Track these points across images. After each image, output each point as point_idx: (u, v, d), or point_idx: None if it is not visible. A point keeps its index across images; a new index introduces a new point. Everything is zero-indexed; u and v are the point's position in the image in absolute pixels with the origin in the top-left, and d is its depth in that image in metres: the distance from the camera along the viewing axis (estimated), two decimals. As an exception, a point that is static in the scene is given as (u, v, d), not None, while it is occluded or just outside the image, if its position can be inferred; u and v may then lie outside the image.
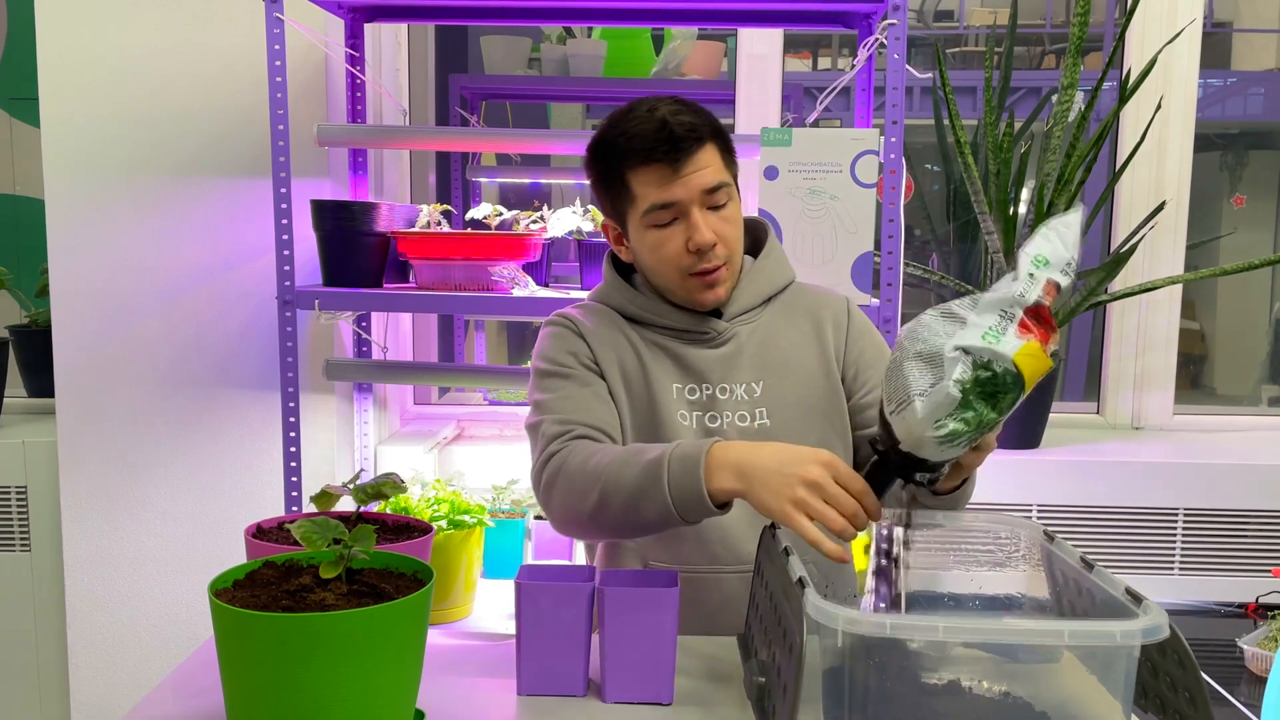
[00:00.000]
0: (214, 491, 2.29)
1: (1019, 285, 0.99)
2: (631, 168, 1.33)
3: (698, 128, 1.31)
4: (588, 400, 1.35)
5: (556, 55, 2.76)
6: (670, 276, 1.37)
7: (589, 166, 1.40)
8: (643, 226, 1.35)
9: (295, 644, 0.82)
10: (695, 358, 1.39)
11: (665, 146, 1.30)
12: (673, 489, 1.16)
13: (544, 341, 1.43)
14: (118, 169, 2.23)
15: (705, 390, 1.38)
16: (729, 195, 1.35)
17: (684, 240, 1.33)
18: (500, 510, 2.21)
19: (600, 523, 1.23)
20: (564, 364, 1.38)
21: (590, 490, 1.22)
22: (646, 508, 1.18)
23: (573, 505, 1.25)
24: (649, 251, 1.37)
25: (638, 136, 1.31)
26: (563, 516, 1.28)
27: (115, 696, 2.33)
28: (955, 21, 4.65)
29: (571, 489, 1.24)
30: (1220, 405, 3.57)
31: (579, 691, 1.12)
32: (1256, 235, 4.15)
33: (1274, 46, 4.44)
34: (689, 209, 1.32)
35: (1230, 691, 1.88)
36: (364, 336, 2.33)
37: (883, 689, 0.92)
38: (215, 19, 2.20)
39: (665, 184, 1.31)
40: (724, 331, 1.40)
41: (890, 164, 1.87)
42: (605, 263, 1.49)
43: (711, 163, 1.33)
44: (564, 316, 1.45)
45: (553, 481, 1.27)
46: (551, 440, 1.30)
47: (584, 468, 1.23)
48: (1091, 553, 2.33)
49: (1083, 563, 1.01)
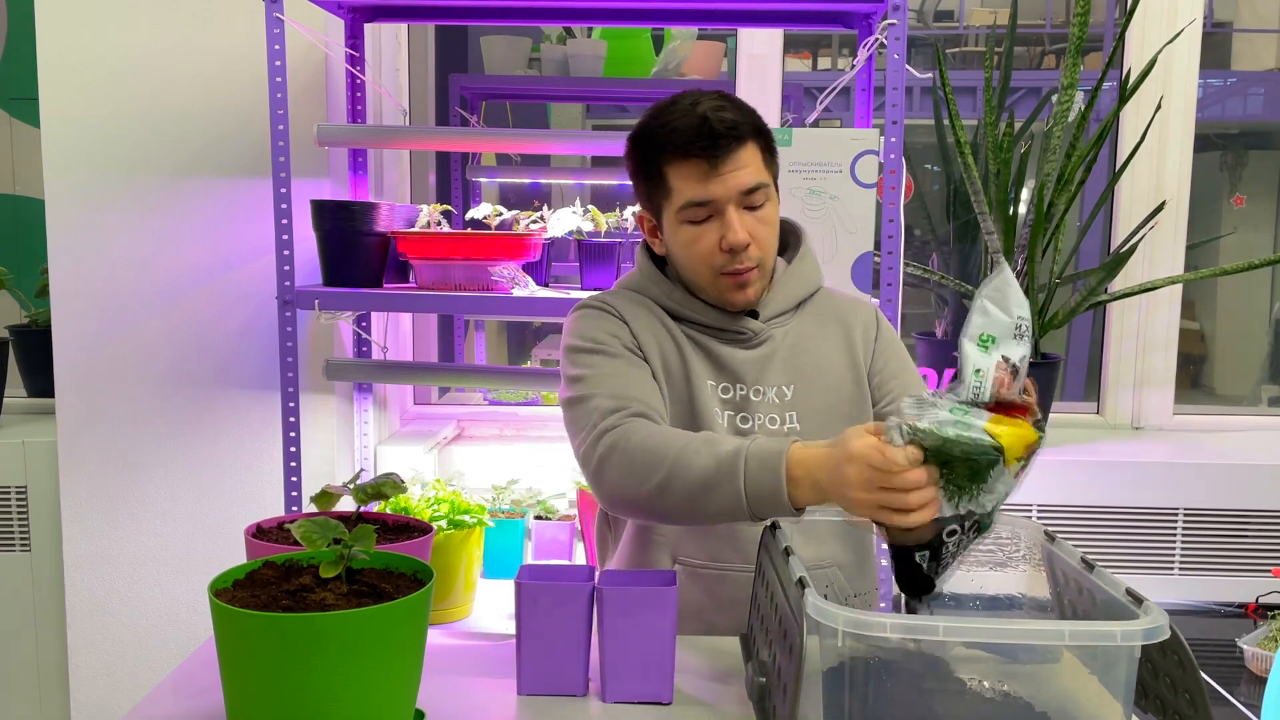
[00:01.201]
0: (214, 491, 2.29)
1: (966, 389, 0.99)
2: (670, 161, 1.31)
3: (739, 125, 1.29)
4: (638, 379, 1.33)
5: (556, 55, 2.76)
6: (702, 274, 1.35)
7: (628, 155, 1.38)
8: (677, 221, 1.34)
9: (295, 644, 0.82)
10: (731, 357, 1.38)
11: (704, 142, 1.28)
12: (749, 486, 1.14)
13: (579, 323, 1.39)
14: (118, 169, 2.23)
15: (739, 390, 1.37)
16: (767, 196, 1.33)
17: (718, 239, 1.31)
18: (500, 510, 2.21)
19: (658, 506, 1.21)
20: (606, 343, 1.36)
21: (653, 472, 1.19)
22: (714, 499, 1.16)
23: (630, 485, 1.22)
24: (682, 247, 1.35)
25: (677, 130, 1.29)
26: (616, 494, 1.24)
27: (115, 696, 2.33)
28: (955, 21, 4.65)
29: (630, 468, 1.21)
30: (1220, 405, 3.57)
31: (579, 691, 1.12)
32: (1256, 235, 4.15)
33: (1274, 46, 4.44)
34: (725, 208, 1.30)
35: (1230, 691, 1.88)
36: (364, 336, 2.33)
37: (883, 689, 0.92)
38: (215, 19, 2.20)
39: (703, 181, 1.30)
40: (760, 333, 1.39)
41: (890, 164, 1.87)
42: (639, 253, 1.47)
43: (751, 162, 1.31)
44: (601, 300, 1.42)
45: (607, 457, 1.23)
46: (607, 415, 1.26)
47: (645, 446, 1.21)
48: (1092, 553, 2.33)
49: (1083, 563, 1.01)
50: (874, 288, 1.93)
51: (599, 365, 1.33)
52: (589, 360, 1.34)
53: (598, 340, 1.36)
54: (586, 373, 1.33)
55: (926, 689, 0.98)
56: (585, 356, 1.35)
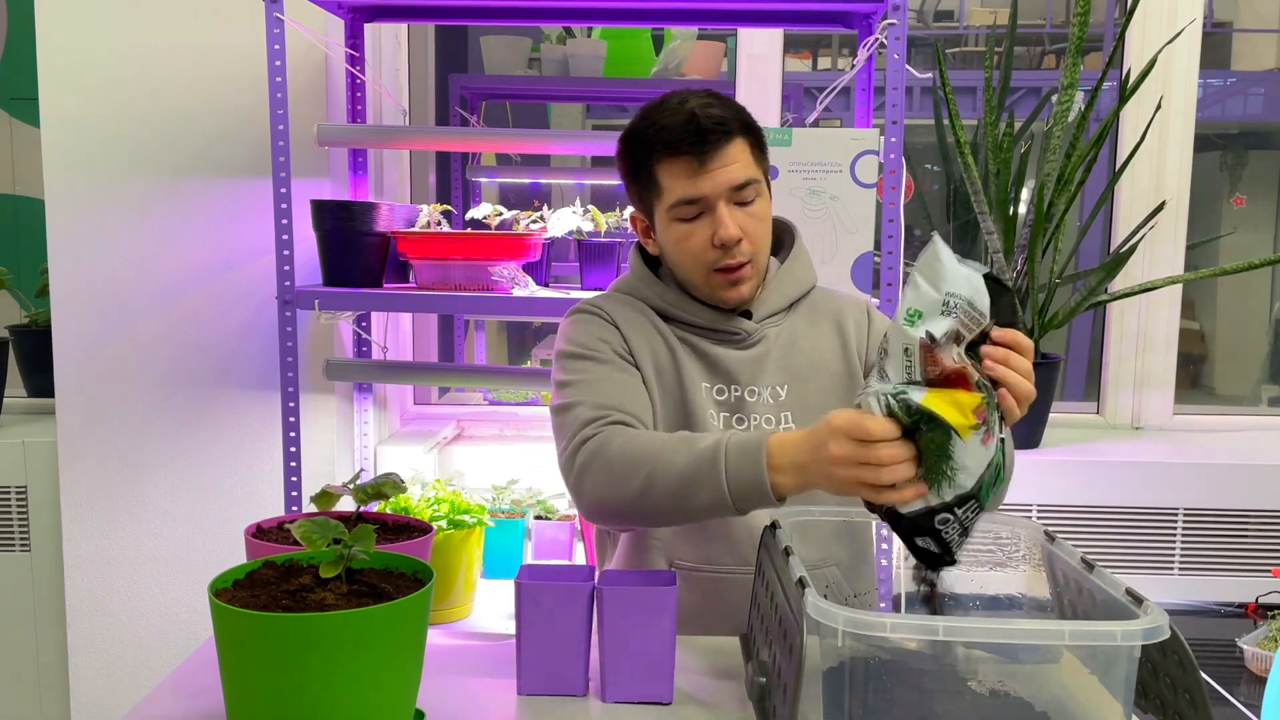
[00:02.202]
0: (214, 491, 2.29)
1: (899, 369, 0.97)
2: (659, 160, 1.32)
3: (727, 121, 1.30)
4: (623, 386, 1.33)
5: (556, 55, 2.77)
6: (694, 271, 1.35)
7: (619, 157, 1.39)
8: (669, 220, 1.34)
9: (295, 644, 0.82)
10: (724, 358, 1.38)
11: (693, 139, 1.28)
12: (730, 477, 1.14)
13: (572, 328, 1.40)
14: (118, 169, 2.23)
15: (734, 391, 1.37)
16: (757, 192, 1.33)
17: (709, 235, 1.31)
18: (500, 510, 2.21)
19: (641, 508, 1.20)
20: (595, 349, 1.36)
21: (634, 475, 1.19)
22: (697, 494, 1.16)
23: (610, 492, 1.21)
24: (674, 245, 1.35)
25: (666, 129, 1.30)
26: (596, 502, 1.24)
27: (115, 696, 2.33)
28: (955, 21, 4.65)
29: (610, 475, 1.21)
30: (1220, 405, 3.57)
31: (579, 691, 1.12)
32: (1256, 235, 4.15)
33: (1274, 46, 4.45)
34: (715, 204, 1.30)
35: (1230, 691, 1.88)
36: (364, 336, 2.33)
37: (883, 689, 0.92)
38: (215, 19, 2.20)
39: (692, 178, 1.30)
40: (753, 333, 1.39)
41: (890, 164, 1.87)
42: (632, 255, 1.47)
43: (740, 158, 1.31)
44: (593, 305, 1.42)
45: (587, 467, 1.23)
46: (585, 424, 1.27)
47: (625, 452, 1.21)
48: (1092, 553, 2.33)
49: (1083, 563, 1.01)
50: (874, 288, 1.93)
51: (586, 371, 1.34)
52: (577, 366, 1.35)
53: (587, 346, 1.36)
54: (573, 379, 1.34)
55: (926, 689, 0.98)
56: (573, 363, 1.36)
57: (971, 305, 0.97)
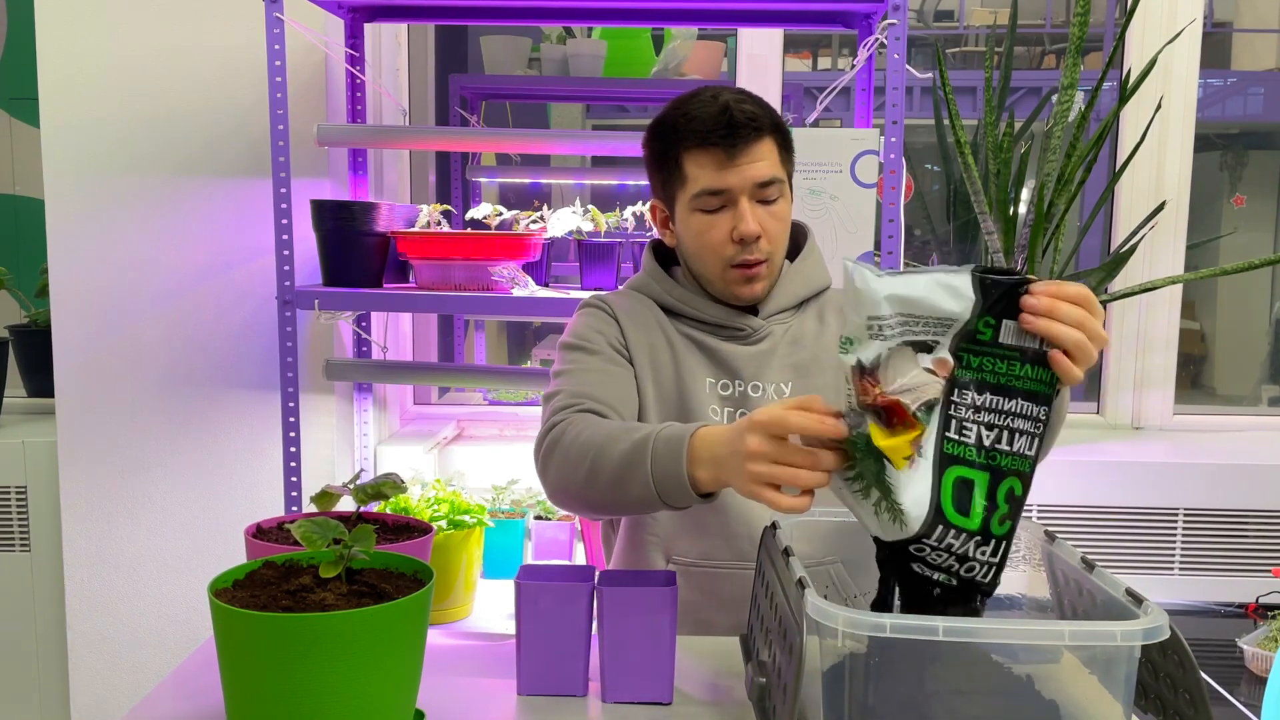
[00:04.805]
0: (214, 491, 2.29)
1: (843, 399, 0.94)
2: (688, 149, 1.32)
3: (759, 118, 1.31)
4: (605, 377, 1.34)
5: (556, 55, 2.76)
6: (711, 264, 1.36)
7: (646, 144, 1.40)
8: (690, 210, 1.35)
9: (295, 644, 0.82)
10: (729, 353, 1.38)
11: (723, 131, 1.29)
12: (655, 469, 1.12)
13: (576, 320, 1.43)
14: (118, 169, 2.23)
15: (738, 386, 1.38)
16: (780, 192, 1.34)
17: (729, 229, 1.32)
18: (500, 510, 2.21)
19: (587, 498, 1.20)
20: (589, 341, 1.38)
21: (581, 463, 1.19)
22: (630, 485, 1.14)
23: (565, 477, 1.22)
24: (693, 236, 1.36)
25: (698, 119, 1.31)
26: (556, 487, 1.25)
27: (115, 696, 2.33)
28: (955, 21, 4.65)
29: (566, 460, 1.21)
30: (1220, 405, 3.57)
31: (579, 691, 1.12)
32: (1256, 235, 4.15)
33: (1274, 46, 4.45)
34: (738, 198, 1.31)
35: (1230, 691, 1.88)
36: (364, 336, 2.33)
37: (883, 689, 0.92)
38: (215, 19, 2.20)
39: (719, 169, 1.31)
40: (759, 329, 1.39)
41: (890, 164, 1.87)
42: (646, 252, 1.48)
43: (768, 156, 1.32)
44: (600, 299, 1.45)
45: (550, 451, 1.24)
46: (558, 411, 1.28)
47: (580, 439, 1.21)
48: (1092, 553, 2.33)
49: (1083, 563, 1.01)
50: (874, 288, 1.92)
51: (576, 362, 1.36)
52: (569, 357, 1.37)
53: (583, 338, 1.38)
54: (563, 368, 1.36)
55: (927, 689, 0.98)
56: (567, 353, 1.38)
57: (916, 309, 0.90)
